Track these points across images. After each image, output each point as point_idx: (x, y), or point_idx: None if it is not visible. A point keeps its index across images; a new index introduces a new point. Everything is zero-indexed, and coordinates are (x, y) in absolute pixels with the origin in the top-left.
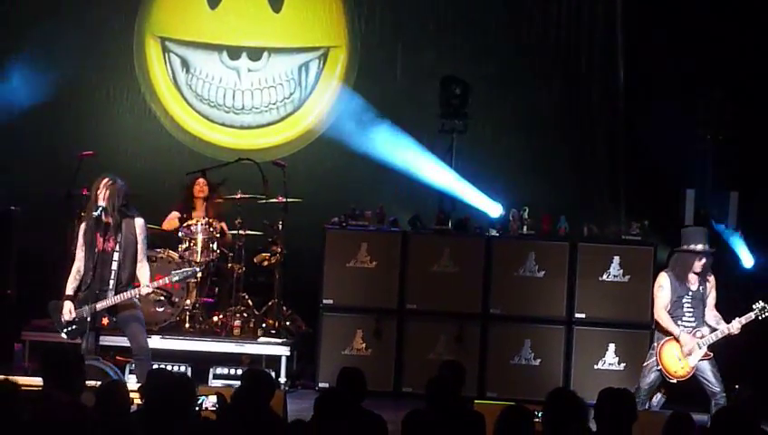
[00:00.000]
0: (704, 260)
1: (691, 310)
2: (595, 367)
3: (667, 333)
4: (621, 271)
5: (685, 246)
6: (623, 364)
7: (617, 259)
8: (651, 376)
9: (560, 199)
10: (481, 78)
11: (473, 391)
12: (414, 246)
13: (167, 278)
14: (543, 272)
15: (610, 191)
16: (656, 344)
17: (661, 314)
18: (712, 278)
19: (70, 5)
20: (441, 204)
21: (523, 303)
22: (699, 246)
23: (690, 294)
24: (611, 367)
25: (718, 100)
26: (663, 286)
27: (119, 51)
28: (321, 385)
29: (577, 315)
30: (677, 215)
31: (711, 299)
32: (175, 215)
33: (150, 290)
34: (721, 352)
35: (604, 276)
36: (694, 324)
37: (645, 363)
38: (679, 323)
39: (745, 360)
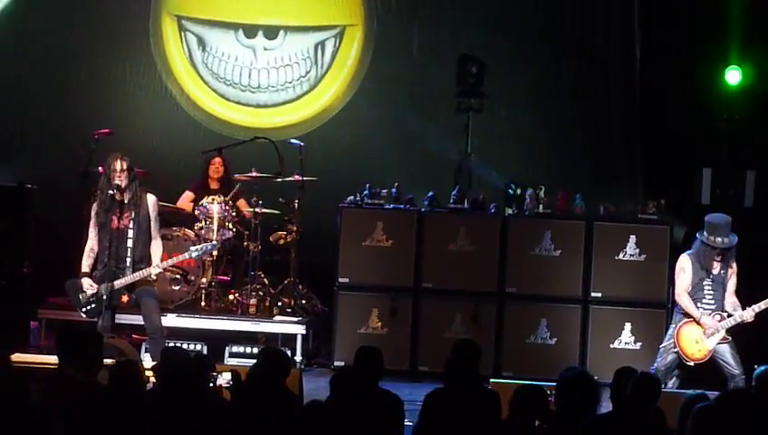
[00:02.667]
0: (723, 253)
1: (711, 293)
2: (611, 346)
3: (686, 314)
4: (638, 250)
5: (705, 237)
6: (639, 343)
7: (633, 238)
8: (668, 357)
9: (576, 178)
10: (497, 56)
11: (488, 370)
12: (430, 225)
13: (186, 254)
14: (559, 251)
15: (627, 170)
16: (673, 326)
17: (682, 297)
18: (734, 265)
19: None
20: (457, 182)
21: (539, 282)
22: (719, 240)
23: (711, 277)
24: (627, 346)
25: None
26: (684, 269)
27: (135, 29)
28: (336, 364)
29: (593, 294)
30: (694, 194)
31: (731, 285)
32: (189, 195)
33: (160, 270)
34: (737, 335)
35: (620, 255)
36: (713, 307)
37: (662, 345)
38: (698, 305)
39: (763, 343)
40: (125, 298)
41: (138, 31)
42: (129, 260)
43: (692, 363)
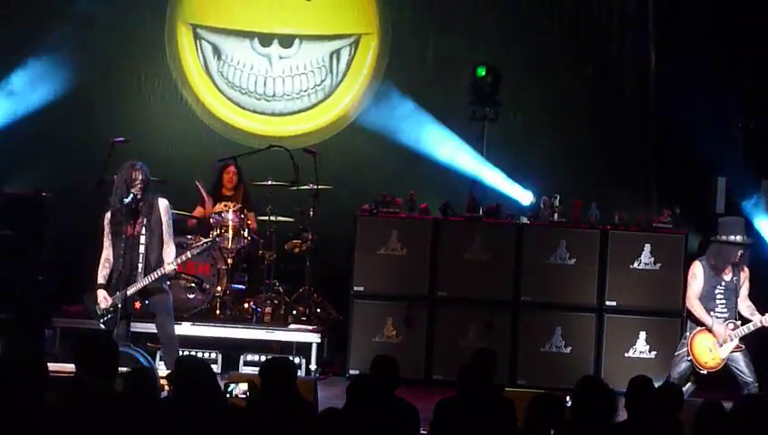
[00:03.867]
0: (741, 251)
1: (723, 301)
2: (626, 355)
3: (699, 323)
4: (652, 259)
5: (723, 237)
6: (654, 352)
7: (648, 247)
8: (682, 365)
9: (591, 187)
10: (512, 65)
11: (503, 379)
12: (445, 234)
13: (188, 253)
14: (574, 259)
15: (642, 179)
16: (687, 334)
17: (694, 304)
18: (746, 269)
19: None
20: (472, 191)
21: (553, 290)
22: (739, 237)
23: (723, 284)
24: (642, 355)
25: (749, 87)
26: (696, 276)
27: (150, 38)
28: (351, 372)
29: (608, 303)
30: (709, 202)
31: (744, 290)
32: (200, 209)
33: (174, 267)
34: (751, 343)
35: (635, 264)
36: (726, 315)
37: (676, 353)
38: (711, 313)
39: None
40: (137, 304)
41: (153, 40)
42: (141, 266)
43: (705, 372)
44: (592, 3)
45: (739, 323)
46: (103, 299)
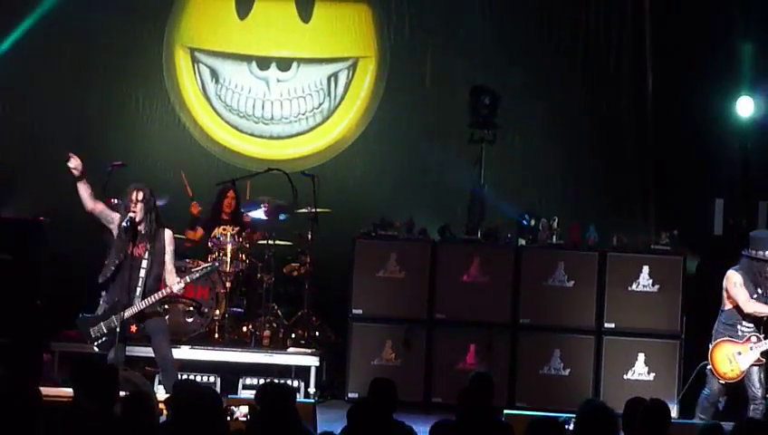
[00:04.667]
0: None
1: None
2: (625, 377)
3: (725, 334)
4: (651, 281)
5: (754, 252)
6: (653, 374)
7: (646, 269)
8: (713, 381)
9: (589, 209)
10: (510, 87)
11: (502, 401)
12: (443, 256)
13: (187, 277)
14: (573, 282)
15: (640, 201)
16: (711, 345)
17: (753, 307)
18: None
19: (99, 15)
20: (470, 213)
21: (552, 312)
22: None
23: (755, 297)
24: (641, 377)
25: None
26: (736, 284)
27: (148, 61)
28: (350, 395)
29: (606, 325)
30: (706, 225)
31: None
32: (200, 231)
33: (182, 286)
34: None
35: (633, 286)
36: (757, 327)
37: (708, 367)
38: (741, 325)
39: None
40: (133, 328)
41: (151, 63)
42: (139, 290)
43: (723, 382)
44: (590, 26)
45: (762, 335)
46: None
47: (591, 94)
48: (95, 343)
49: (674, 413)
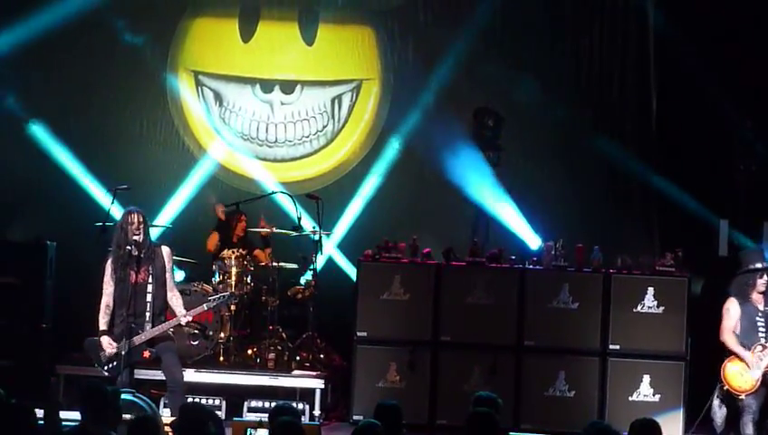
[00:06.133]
0: (765, 277)
1: (764, 329)
2: (630, 398)
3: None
4: (655, 302)
5: (743, 267)
6: (658, 395)
7: (651, 290)
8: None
9: (593, 230)
10: (514, 109)
11: (507, 423)
12: (448, 278)
13: (204, 305)
14: (577, 303)
15: (644, 222)
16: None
17: (726, 337)
18: None
19: (102, 39)
20: (475, 235)
21: (557, 334)
22: (758, 265)
23: (760, 314)
24: (646, 398)
25: (751, 130)
26: (729, 310)
27: (152, 84)
28: (355, 418)
29: (611, 347)
30: (711, 245)
31: None
32: (216, 236)
33: (189, 319)
34: None
35: (638, 307)
36: None
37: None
38: (758, 344)
39: None
40: (146, 353)
41: (155, 86)
42: (149, 314)
43: (743, 396)
44: (594, 46)
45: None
46: (108, 344)
47: (595, 115)
48: (104, 368)
49: (679, 433)
